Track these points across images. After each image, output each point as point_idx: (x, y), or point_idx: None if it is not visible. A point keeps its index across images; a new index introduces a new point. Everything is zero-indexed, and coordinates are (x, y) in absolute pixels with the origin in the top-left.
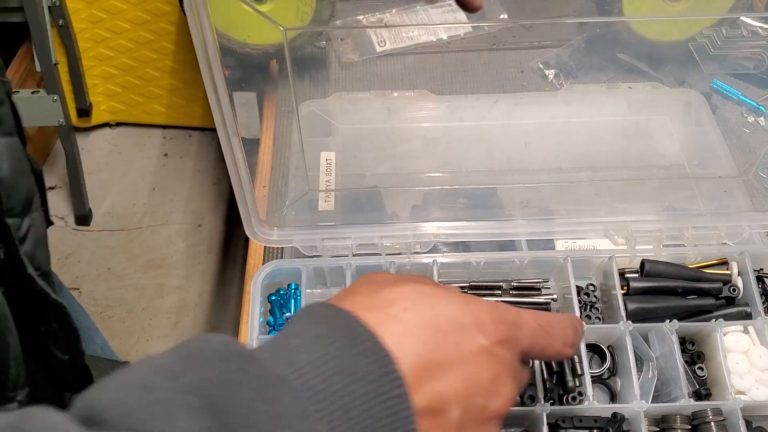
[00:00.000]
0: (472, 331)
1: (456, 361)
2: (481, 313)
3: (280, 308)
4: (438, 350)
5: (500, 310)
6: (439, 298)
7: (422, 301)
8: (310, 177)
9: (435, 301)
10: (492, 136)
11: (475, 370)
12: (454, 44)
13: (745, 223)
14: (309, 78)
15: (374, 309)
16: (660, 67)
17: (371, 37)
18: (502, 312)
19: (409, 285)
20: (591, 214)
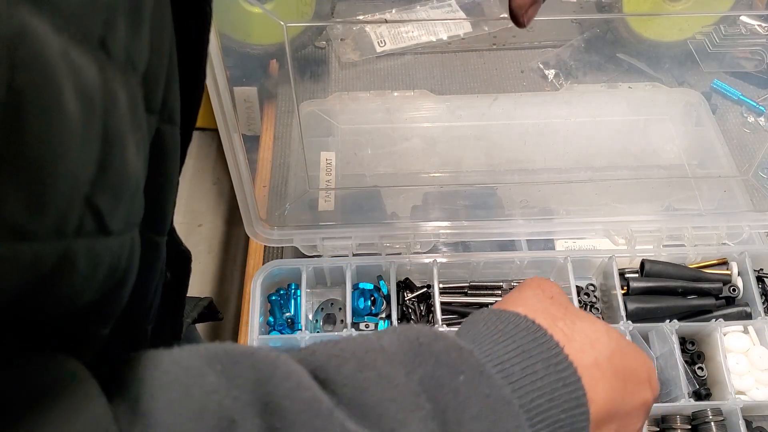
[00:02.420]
0: (645, 386)
1: (627, 412)
2: (650, 368)
3: (280, 308)
4: (620, 400)
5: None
6: (625, 347)
7: (616, 349)
8: (310, 177)
9: (623, 351)
10: (492, 135)
11: (635, 422)
12: (454, 44)
13: (745, 223)
14: (309, 78)
15: (574, 342)
16: (660, 67)
17: (371, 37)
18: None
19: (604, 329)
20: (591, 214)
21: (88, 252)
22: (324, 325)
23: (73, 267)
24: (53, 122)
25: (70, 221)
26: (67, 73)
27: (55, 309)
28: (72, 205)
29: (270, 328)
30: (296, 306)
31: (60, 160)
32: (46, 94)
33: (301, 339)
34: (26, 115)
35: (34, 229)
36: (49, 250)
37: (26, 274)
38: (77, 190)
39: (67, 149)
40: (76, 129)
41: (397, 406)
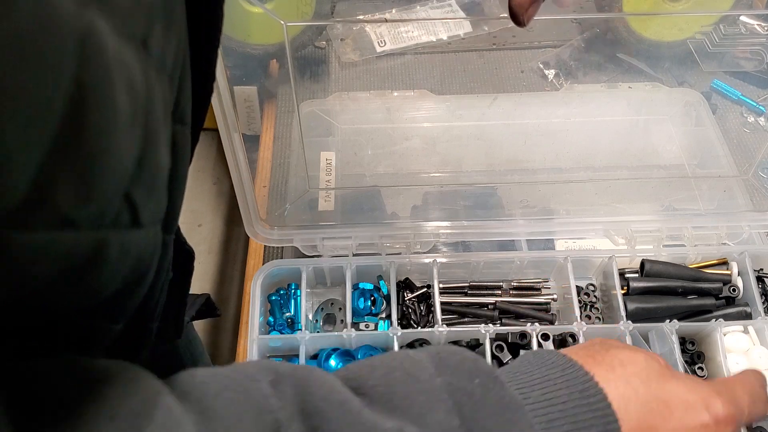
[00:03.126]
0: (699, 408)
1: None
2: (708, 393)
3: (280, 308)
4: (662, 423)
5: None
6: (670, 376)
7: (653, 372)
8: (311, 177)
9: (665, 376)
10: (492, 135)
11: None
12: (454, 44)
13: (745, 223)
14: (309, 78)
15: (603, 365)
16: (660, 67)
17: (371, 37)
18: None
19: (642, 354)
20: (591, 214)
21: (120, 244)
22: (324, 325)
23: (105, 258)
24: (109, 117)
25: (108, 213)
26: (120, 71)
27: (81, 300)
28: (113, 198)
29: (270, 328)
30: (296, 306)
31: (110, 153)
32: (104, 90)
33: (301, 339)
34: (87, 108)
35: (78, 219)
36: (87, 240)
37: (63, 262)
38: (119, 183)
39: (116, 144)
40: (125, 124)
41: (424, 398)
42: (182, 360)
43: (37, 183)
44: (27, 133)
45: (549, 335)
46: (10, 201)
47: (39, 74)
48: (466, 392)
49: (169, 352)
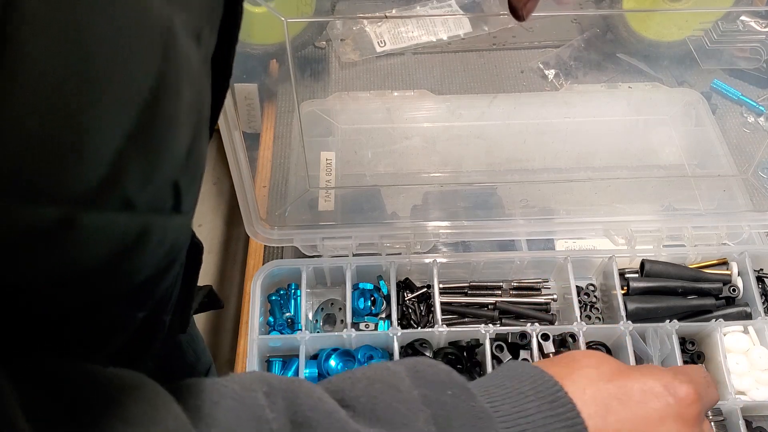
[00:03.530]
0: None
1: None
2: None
3: (280, 308)
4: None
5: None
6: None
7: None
8: (311, 176)
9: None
10: (492, 135)
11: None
12: (454, 44)
13: (745, 223)
14: (309, 77)
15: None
16: (659, 67)
17: (371, 37)
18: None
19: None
20: (591, 214)
21: (162, 229)
22: (324, 325)
23: (147, 242)
24: (177, 107)
25: (158, 198)
26: (187, 64)
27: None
28: (165, 185)
29: (270, 328)
30: (296, 306)
31: (173, 141)
32: (176, 81)
33: (301, 339)
34: (162, 98)
35: (137, 202)
36: (137, 223)
37: (115, 244)
38: (173, 171)
39: (178, 132)
40: (186, 115)
41: (404, 408)
42: (185, 356)
43: (114, 166)
44: (113, 120)
45: (549, 335)
46: (90, 182)
47: (130, 66)
48: (440, 403)
49: (172, 348)
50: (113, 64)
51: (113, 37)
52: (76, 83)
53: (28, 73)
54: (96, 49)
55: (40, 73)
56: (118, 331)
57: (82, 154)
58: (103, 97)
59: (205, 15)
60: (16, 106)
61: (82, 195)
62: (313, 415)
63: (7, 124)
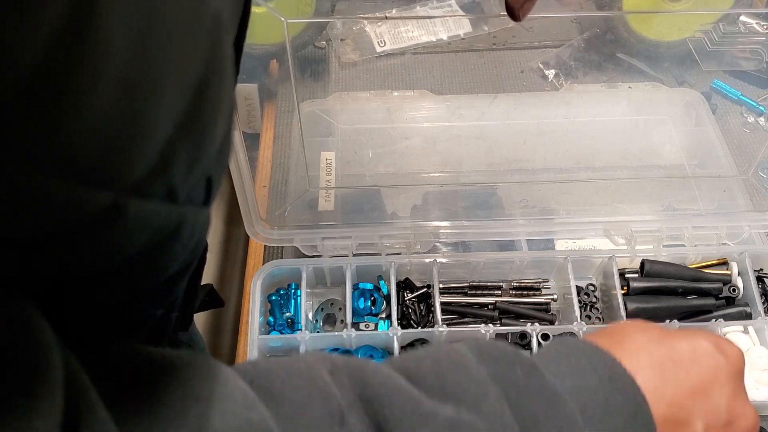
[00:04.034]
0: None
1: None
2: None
3: (280, 308)
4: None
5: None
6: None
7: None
8: (310, 176)
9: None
10: (492, 135)
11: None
12: (454, 44)
13: (745, 223)
14: (309, 77)
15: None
16: (660, 67)
17: (371, 37)
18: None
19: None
20: (591, 214)
21: (193, 221)
22: (324, 325)
23: (181, 233)
24: (220, 97)
25: (195, 190)
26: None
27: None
28: (202, 175)
29: (270, 328)
30: (296, 306)
31: (214, 132)
32: (221, 71)
33: (301, 339)
34: (209, 88)
35: (179, 193)
36: (176, 214)
37: (154, 234)
38: (209, 162)
39: (219, 123)
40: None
41: (474, 386)
42: None
43: (163, 154)
44: (169, 105)
45: (549, 335)
46: (141, 169)
47: (188, 51)
48: (510, 381)
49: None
50: (173, 50)
51: (175, 23)
52: (142, 65)
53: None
54: (159, 34)
55: (115, 51)
56: (136, 329)
57: (138, 139)
58: (163, 83)
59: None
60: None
61: (133, 182)
62: (384, 391)
63: (78, 100)
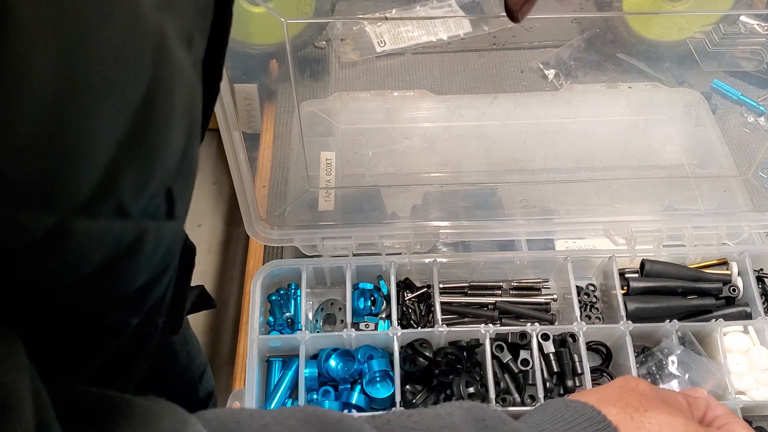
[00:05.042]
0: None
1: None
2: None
3: (280, 308)
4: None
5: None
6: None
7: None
8: (311, 177)
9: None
10: (492, 135)
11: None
12: (454, 44)
13: (745, 223)
14: (309, 77)
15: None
16: (660, 67)
17: (371, 36)
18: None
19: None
20: (591, 214)
21: (156, 233)
22: (324, 325)
23: (142, 247)
24: (169, 114)
25: (152, 204)
26: (179, 70)
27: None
28: (158, 191)
29: (270, 328)
30: (296, 306)
31: (166, 148)
32: (169, 88)
33: (301, 339)
34: (154, 106)
35: (131, 209)
36: (132, 229)
37: (110, 250)
38: (166, 178)
39: (172, 138)
40: (179, 121)
41: None
42: (178, 357)
43: (107, 174)
44: (106, 128)
45: (549, 335)
46: (83, 191)
47: (123, 74)
48: None
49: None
50: (106, 73)
51: (107, 46)
52: (70, 91)
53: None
54: (90, 58)
55: (37, 81)
56: (112, 338)
57: (75, 162)
58: (96, 106)
59: (196, 21)
60: (12, 112)
61: (76, 203)
62: None
63: (4, 130)
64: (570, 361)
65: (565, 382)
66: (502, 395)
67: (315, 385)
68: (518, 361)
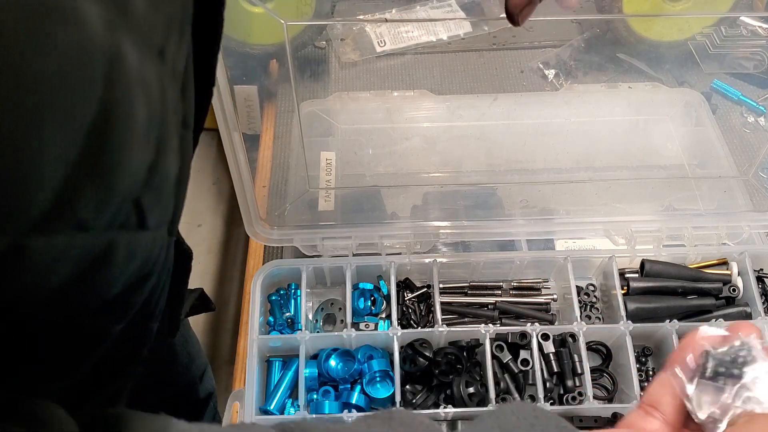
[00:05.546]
0: None
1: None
2: None
3: (280, 308)
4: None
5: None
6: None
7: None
8: (310, 177)
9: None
10: (492, 135)
11: None
12: (454, 44)
13: (745, 223)
14: (309, 77)
15: None
16: (660, 67)
17: (371, 37)
18: None
19: None
20: (591, 214)
21: (128, 244)
22: (324, 325)
23: (113, 258)
24: (127, 130)
25: (119, 216)
26: (141, 85)
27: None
28: (124, 204)
29: (270, 328)
30: (296, 306)
31: (127, 163)
32: (125, 106)
33: (301, 339)
34: (109, 125)
35: (93, 224)
36: (98, 241)
37: (76, 263)
38: (131, 190)
39: (132, 154)
40: (141, 135)
41: None
42: (178, 357)
43: (61, 194)
44: (56, 150)
45: (549, 335)
46: (35, 212)
47: (70, 97)
48: None
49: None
50: (48, 99)
51: (52, 71)
52: (14, 117)
53: None
54: (34, 84)
55: None
56: (95, 344)
57: (25, 185)
58: (40, 131)
59: (168, 31)
60: None
61: (29, 223)
62: None
63: None
64: (570, 361)
65: (565, 382)
66: (502, 395)
67: (315, 385)
68: (518, 361)
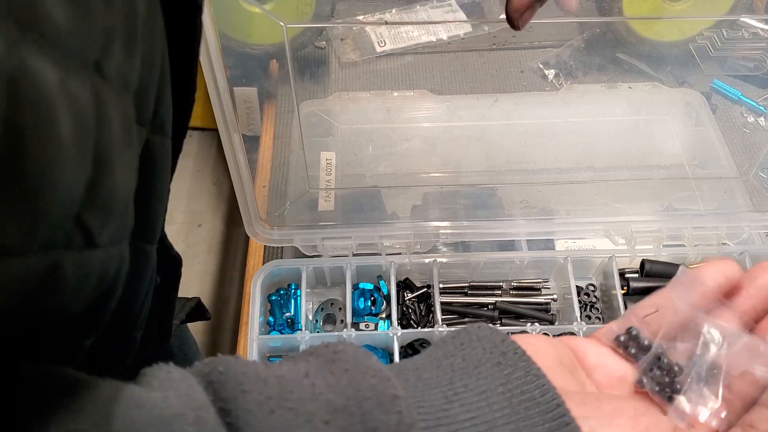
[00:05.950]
0: None
1: None
2: None
3: (280, 308)
4: None
5: None
6: None
7: None
8: (310, 177)
9: None
10: (492, 136)
11: None
12: (454, 44)
13: (745, 223)
14: (309, 78)
15: None
16: (660, 67)
17: (371, 37)
18: None
19: None
20: (591, 214)
21: (76, 264)
22: (324, 325)
23: (60, 278)
24: (50, 151)
25: (58, 237)
26: (64, 102)
27: (45, 321)
28: (62, 223)
29: (270, 328)
30: (296, 306)
31: (54, 185)
32: (44, 126)
33: (301, 339)
34: (25, 147)
35: (24, 247)
36: (36, 264)
37: (15, 287)
38: (67, 210)
39: (60, 175)
40: (69, 154)
41: None
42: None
43: None
44: None
45: (549, 335)
46: None
47: None
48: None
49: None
50: None
51: None
52: None
53: None
54: None
55: None
56: (66, 356)
57: None
58: None
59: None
60: None
61: None
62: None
63: None
64: None
65: None
66: None
67: None
68: None
